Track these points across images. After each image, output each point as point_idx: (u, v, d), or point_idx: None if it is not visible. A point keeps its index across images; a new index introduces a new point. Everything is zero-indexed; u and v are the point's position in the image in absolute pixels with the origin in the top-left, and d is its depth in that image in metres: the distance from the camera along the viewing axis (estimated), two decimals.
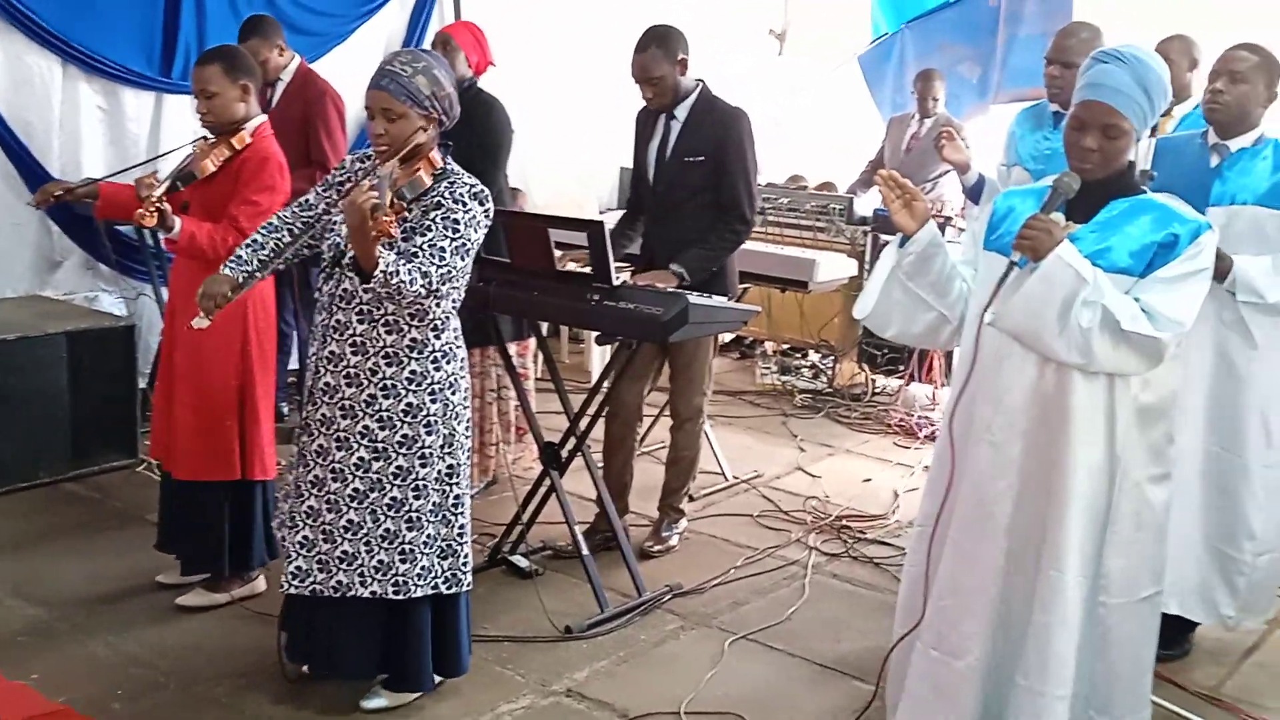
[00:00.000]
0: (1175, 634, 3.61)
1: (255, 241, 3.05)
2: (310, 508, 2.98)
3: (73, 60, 5.09)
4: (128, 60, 5.25)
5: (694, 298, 3.56)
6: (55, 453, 4.59)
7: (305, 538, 2.98)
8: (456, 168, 2.97)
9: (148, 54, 5.35)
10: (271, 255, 3.03)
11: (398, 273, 2.72)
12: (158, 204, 3.25)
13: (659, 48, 3.95)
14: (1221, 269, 3.17)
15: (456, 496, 3.03)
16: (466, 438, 3.06)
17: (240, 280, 3.00)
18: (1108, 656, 2.67)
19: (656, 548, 4.29)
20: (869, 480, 5.27)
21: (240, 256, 3.03)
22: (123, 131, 5.32)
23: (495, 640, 3.52)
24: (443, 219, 2.84)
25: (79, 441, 4.64)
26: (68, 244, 5.24)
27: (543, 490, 4.01)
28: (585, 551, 3.79)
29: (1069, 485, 2.57)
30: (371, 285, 2.72)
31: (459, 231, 2.85)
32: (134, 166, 4.51)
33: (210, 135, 3.51)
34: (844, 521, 4.68)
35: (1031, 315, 2.48)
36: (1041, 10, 7.43)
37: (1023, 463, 2.62)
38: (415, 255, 2.79)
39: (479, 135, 4.31)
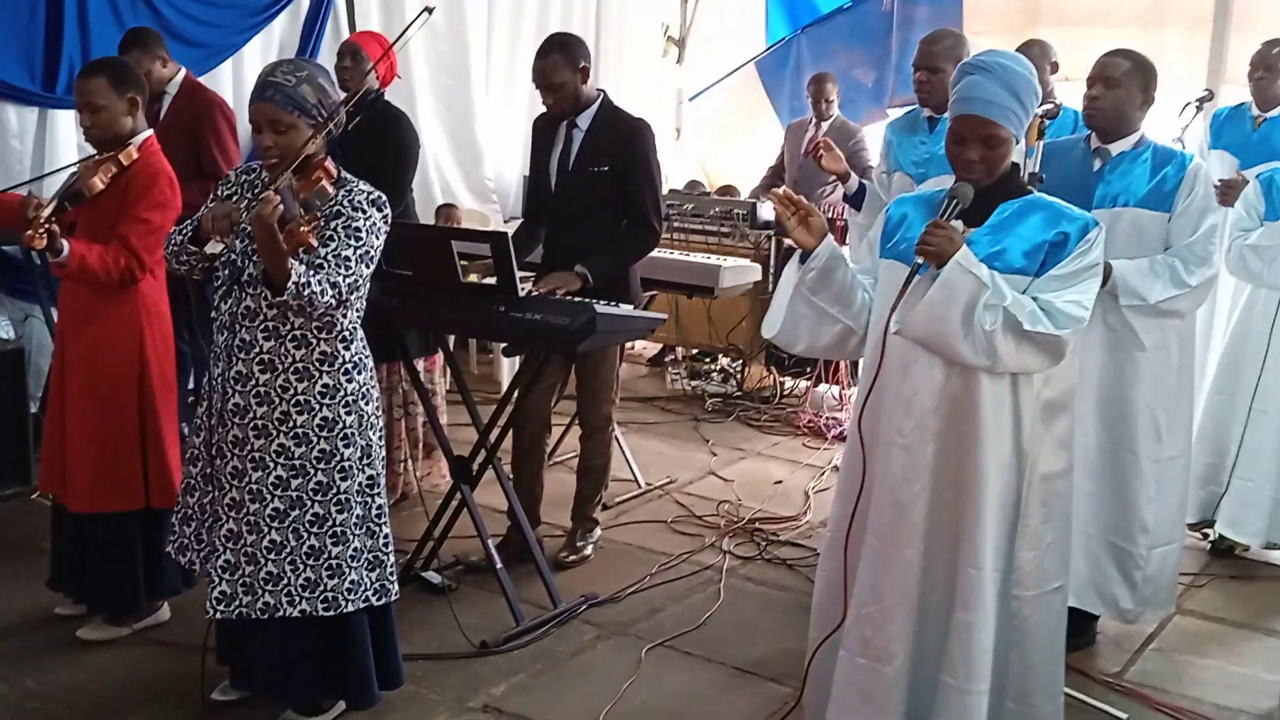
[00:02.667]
0: (1080, 623, 3.70)
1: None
2: (230, 531, 2.90)
3: None
4: (9, 75, 5.06)
5: (601, 306, 3.55)
6: None
7: (227, 561, 2.90)
8: (351, 176, 2.93)
9: (30, 69, 5.16)
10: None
11: (309, 284, 2.68)
12: (47, 225, 3.13)
13: (560, 54, 3.95)
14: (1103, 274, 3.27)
15: (379, 507, 3.00)
16: (381, 448, 3.03)
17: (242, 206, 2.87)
18: (1023, 647, 2.71)
19: (571, 558, 4.27)
20: (780, 482, 5.32)
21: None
22: (6, 149, 5.13)
23: (409, 659, 3.43)
24: (344, 228, 2.80)
25: None
26: None
27: (454, 504, 3.97)
28: (499, 564, 3.75)
29: (982, 483, 2.61)
30: (284, 299, 2.67)
31: (361, 239, 2.81)
32: (19, 185, 4.36)
33: (95, 150, 3.39)
34: (757, 524, 4.71)
35: (936, 322, 2.52)
36: (932, 15, 7.57)
37: (935, 464, 2.65)
38: (322, 266, 2.75)
39: (387, 149, 4.26)
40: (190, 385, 5.10)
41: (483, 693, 3.33)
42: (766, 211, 6.78)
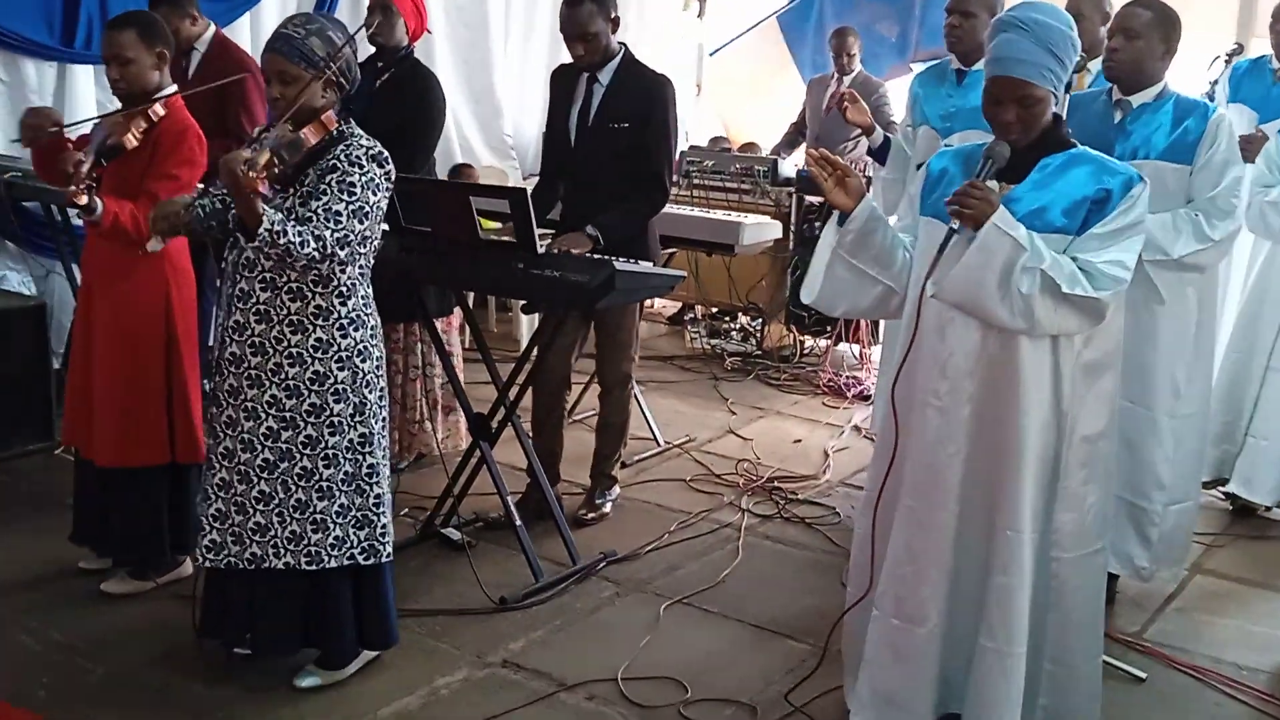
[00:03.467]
0: None
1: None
2: (222, 480, 2.94)
3: None
4: (27, 30, 5.05)
5: (620, 264, 3.53)
6: None
7: (218, 510, 2.94)
8: (356, 130, 2.92)
9: (48, 23, 5.15)
10: (217, 206, 2.97)
11: (285, 232, 2.68)
12: (89, 181, 3.14)
13: (594, 2, 3.88)
14: None
15: (371, 466, 2.99)
16: (381, 407, 3.02)
17: (191, 202, 2.93)
18: (1062, 609, 2.69)
19: (590, 515, 4.28)
20: (799, 441, 5.31)
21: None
22: (25, 103, 5.09)
23: (429, 614, 3.49)
24: (338, 182, 2.80)
25: None
26: None
27: (473, 462, 3.98)
28: (518, 521, 3.76)
29: (1021, 445, 2.58)
30: (256, 244, 2.68)
31: (355, 194, 2.80)
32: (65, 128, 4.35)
33: (121, 104, 3.39)
34: (775, 483, 4.72)
35: (972, 285, 2.48)
36: None
37: (971, 426, 2.62)
38: (310, 219, 2.76)
39: (414, 109, 4.22)
40: (210, 343, 5.13)
41: (502, 648, 3.35)
42: (788, 168, 6.74)
